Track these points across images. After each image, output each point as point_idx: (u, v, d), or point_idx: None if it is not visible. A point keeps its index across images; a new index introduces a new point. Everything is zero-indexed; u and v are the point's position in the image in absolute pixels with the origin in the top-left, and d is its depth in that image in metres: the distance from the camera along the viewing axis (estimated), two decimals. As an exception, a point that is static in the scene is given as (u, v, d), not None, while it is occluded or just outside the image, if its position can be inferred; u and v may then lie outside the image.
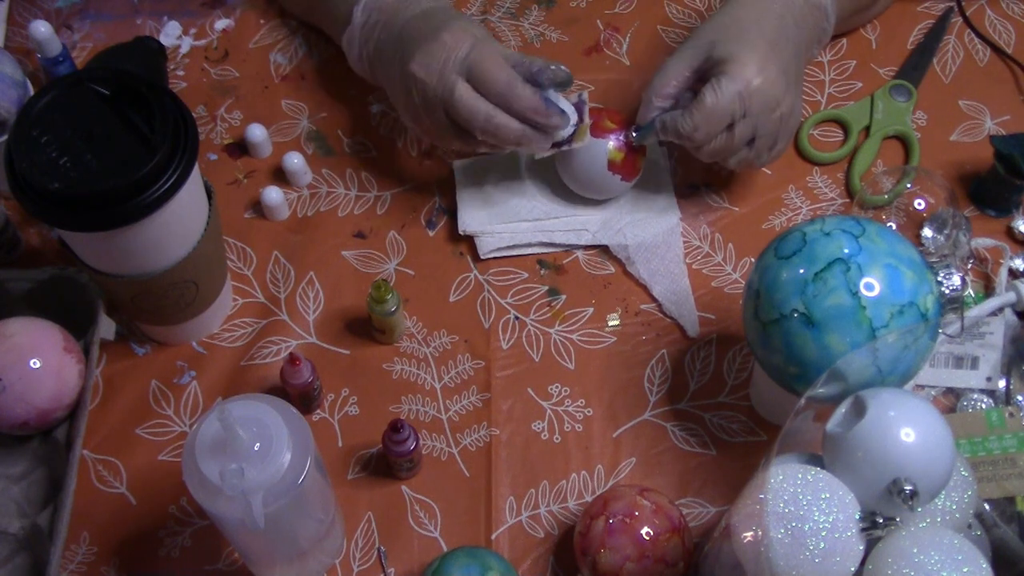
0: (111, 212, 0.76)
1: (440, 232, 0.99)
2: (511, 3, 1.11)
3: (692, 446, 0.89)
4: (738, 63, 0.86)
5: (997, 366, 0.89)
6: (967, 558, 0.65)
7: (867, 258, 0.74)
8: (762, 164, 0.93)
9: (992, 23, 1.09)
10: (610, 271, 0.96)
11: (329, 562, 0.84)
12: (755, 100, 0.87)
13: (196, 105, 1.05)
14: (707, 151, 0.89)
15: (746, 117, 0.87)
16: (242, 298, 0.96)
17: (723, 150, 0.89)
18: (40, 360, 0.84)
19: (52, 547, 0.80)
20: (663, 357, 0.93)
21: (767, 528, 0.65)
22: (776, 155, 0.93)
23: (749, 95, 0.86)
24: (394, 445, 0.84)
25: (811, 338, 0.74)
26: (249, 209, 1.00)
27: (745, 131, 0.88)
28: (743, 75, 0.86)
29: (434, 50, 0.88)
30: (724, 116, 0.87)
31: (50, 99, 0.79)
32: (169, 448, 0.89)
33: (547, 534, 0.86)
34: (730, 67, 0.86)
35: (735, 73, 0.86)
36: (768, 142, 0.90)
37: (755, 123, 0.88)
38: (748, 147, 0.90)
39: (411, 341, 0.94)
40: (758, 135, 0.89)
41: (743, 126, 0.88)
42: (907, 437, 0.66)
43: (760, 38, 0.88)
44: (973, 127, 1.03)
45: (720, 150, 0.89)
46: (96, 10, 1.11)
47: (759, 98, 0.87)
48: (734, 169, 0.95)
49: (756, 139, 0.89)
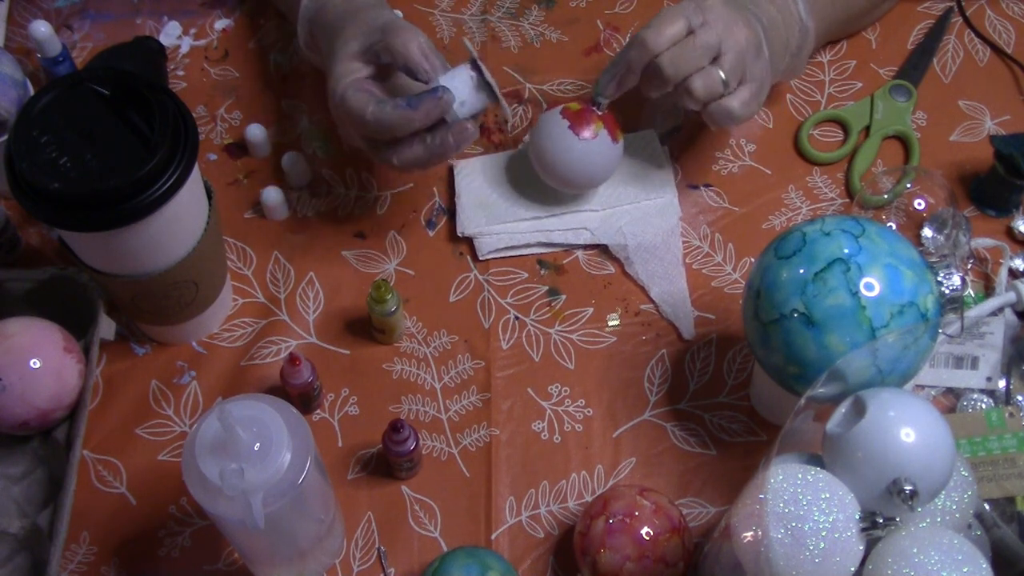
0: (111, 212, 0.76)
1: (440, 232, 0.99)
2: (511, 3, 1.11)
3: (692, 446, 0.89)
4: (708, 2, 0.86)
5: (997, 366, 0.89)
6: (967, 558, 0.65)
7: (867, 258, 0.74)
8: (738, 112, 0.88)
9: (992, 23, 1.09)
10: (610, 271, 0.96)
11: (329, 562, 0.84)
12: (712, 12, 0.85)
13: (196, 105, 1.05)
14: (669, 59, 0.84)
15: (704, 26, 0.85)
16: (242, 298, 0.96)
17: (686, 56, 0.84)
18: (40, 360, 0.84)
19: (52, 547, 0.80)
20: (663, 357, 0.93)
21: (767, 528, 0.65)
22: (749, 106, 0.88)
23: (705, 7, 0.85)
24: (394, 445, 0.84)
25: (811, 338, 0.74)
26: (249, 209, 1.00)
27: (709, 38, 0.85)
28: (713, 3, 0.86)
29: (329, 83, 0.87)
30: (675, 14, 0.85)
31: (50, 99, 0.79)
32: (169, 448, 0.89)
33: (547, 534, 0.86)
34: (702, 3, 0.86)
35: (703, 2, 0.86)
36: (735, 71, 0.86)
37: (720, 33, 0.85)
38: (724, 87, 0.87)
39: (411, 341, 0.94)
40: (723, 62, 0.86)
41: (705, 33, 0.85)
42: (907, 437, 0.66)
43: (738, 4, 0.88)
44: (973, 127, 1.03)
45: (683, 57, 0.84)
46: (96, 10, 1.11)
47: (717, 11, 0.86)
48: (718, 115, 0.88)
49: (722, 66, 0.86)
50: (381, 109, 0.82)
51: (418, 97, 0.81)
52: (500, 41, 1.09)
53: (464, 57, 0.85)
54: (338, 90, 0.85)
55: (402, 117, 0.82)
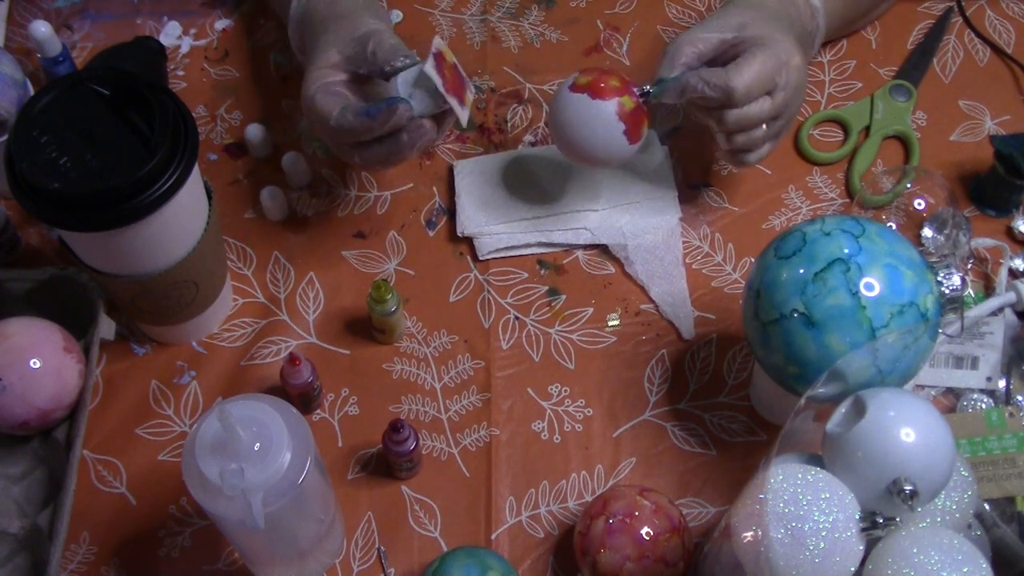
0: (111, 212, 0.76)
1: (440, 232, 0.99)
2: (511, 3, 1.11)
3: (692, 446, 0.89)
4: (777, 41, 0.86)
5: (997, 366, 0.89)
6: (967, 558, 0.65)
7: (867, 258, 0.74)
8: (762, 156, 0.91)
9: (992, 23, 1.09)
10: (610, 271, 0.96)
11: (329, 562, 0.84)
12: (793, 76, 0.87)
13: (196, 105, 1.05)
14: (737, 116, 0.86)
15: (782, 90, 0.87)
16: (242, 298, 0.96)
17: (754, 117, 0.86)
18: (40, 360, 0.84)
19: (52, 547, 0.80)
20: (663, 357, 0.93)
21: (767, 528, 0.65)
22: (773, 148, 0.92)
23: (789, 69, 0.86)
24: (394, 445, 0.84)
25: (811, 338, 0.74)
26: (249, 209, 1.00)
27: (779, 103, 0.87)
28: (785, 49, 0.86)
29: (303, 84, 0.87)
30: (768, 79, 0.85)
31: (50, 99, 0.79)
32: (169, 448, 0.89)
33: (547, 534, 0.86)
34: (769, 42, 0.86)
35: (776, 47, 0.86)
36: (787, 125, 0.90)
37: (788, 99, 0.87)
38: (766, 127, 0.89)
39: (411, 341, 0.94)
40: (784, 115, 0.89)
41: (780, 97, 0.87)
42: (907, 437, 0.66)
43: (788, 27, 0.88)
44: (973, 127, 1.03)
45: (751, 116, 0.86)
46: (96, 10, 1.11)
47: (796, 75, 0.87)
48: (734, 158, 0.91)
49: (779, 118, 0.89)
50: (343, 116, 0.83)
51: (376, 107, 0.83)
52: (500, 41, 1.09)
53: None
54: (308, 92, 0.86)
55: (362, 125, 0.83)
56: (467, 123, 0.87)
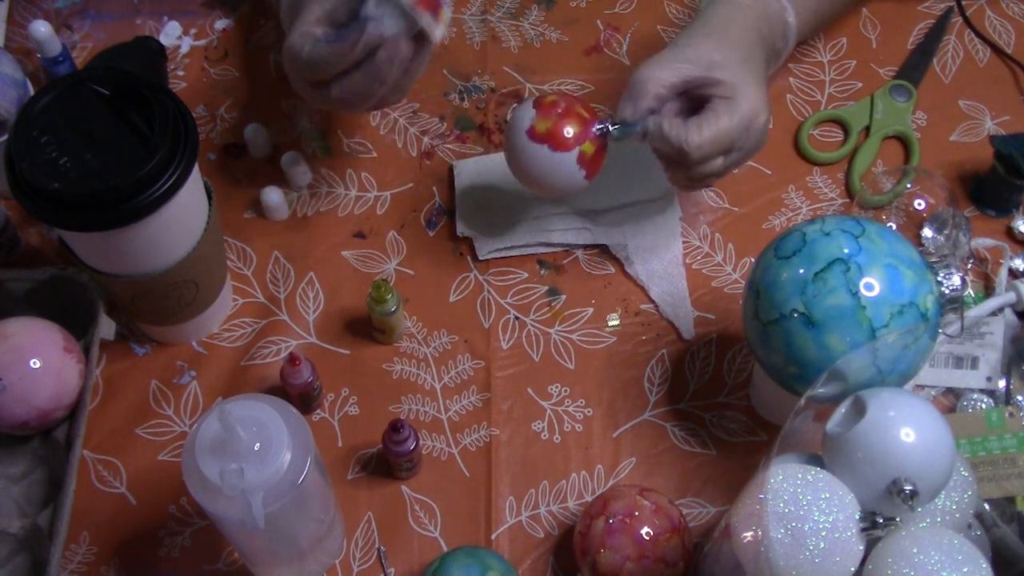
0: (111, 212, 0.76)
1: (440, 232, 0.99)
2: (511, 3, 1.11)
3: (692, 446, 0.89)
4: (744, 98, 0.83)
5: (997, 366, 0.89)
6: (967, 558, 0.65)
7: (867, 258, 0.74)
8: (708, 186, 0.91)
9: (992, 23, 1.09)
10: (610, 271, 0.96)
11: (329, 562, 0.84)
12: (753, 135, 0.85)
13: (196, 105, 1.05)
14: (693, 172, 0.85)
15: (738, 151, 0.85)
16: (242, 298, 0.96)
17: (704, 173, 0.86)
18: (40, 360, 0.84)
19: (52, 547, 0.80)
20: (663, 357, 0.93)
21: (767, 528, 0.65)
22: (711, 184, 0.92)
23: (752, 129, 0.84)
24: (394, 445, 0.84)
25: (811, 338, 0.74)
26: (249, 209, 1.00)
27: (732, 161, 0.86)
28: (752, 107, 0.84)
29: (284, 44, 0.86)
30: (726, 142, 0.84)
31: (50, 99, 0.79)
32: (169, 448, 0.89)
33: (547, 534, 0.86)
34: (737, 97, 0.83)
35: (742, 105, 0.83)
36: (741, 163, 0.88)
37: (745, 155, 0.87)
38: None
39: (411, 341, 0.94)
40: (739, 160, 0.87)
41: (734, 157, 0.86)
42: (907, 437, 0.66)
43: (756, 68, 0.86)
44: (973, 127, 1.03)
45: (701, 172, 0.85)
46: (96, 10, 1.11)
47: (757, 135, 0.85)
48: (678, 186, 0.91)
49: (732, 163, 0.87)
50: (315, 47, 0.82)
51: (346, 29, 0.81)
52: (500, 41, 1.09)
53: None
54: (287, 44, 0.84)
55: (334, 52, 0.81)
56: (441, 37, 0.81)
